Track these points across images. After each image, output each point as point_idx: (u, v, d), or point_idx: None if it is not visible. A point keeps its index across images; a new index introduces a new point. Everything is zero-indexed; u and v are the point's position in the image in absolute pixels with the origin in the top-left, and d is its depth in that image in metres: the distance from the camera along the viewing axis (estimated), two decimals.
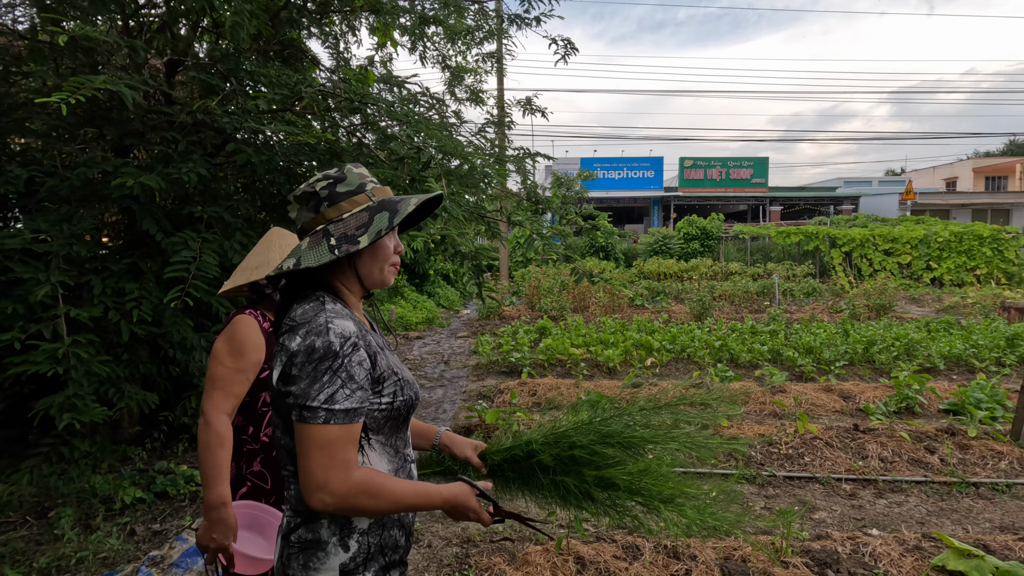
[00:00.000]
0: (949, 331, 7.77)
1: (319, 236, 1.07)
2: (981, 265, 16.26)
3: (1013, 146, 52.02)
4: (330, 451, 0.96)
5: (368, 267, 1.13)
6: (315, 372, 0.96)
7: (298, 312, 1.03)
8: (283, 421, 1.05)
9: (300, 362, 0.97)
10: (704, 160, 30.83)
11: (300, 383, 0.97)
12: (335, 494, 0.96)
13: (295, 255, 1.06)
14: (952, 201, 33.28)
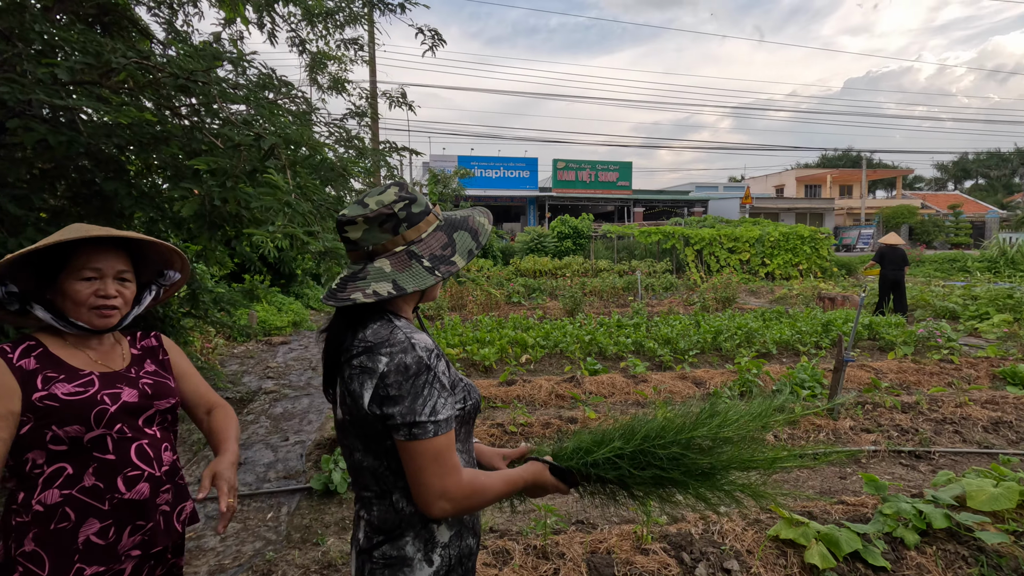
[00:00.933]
0: (779, 320, 8.86)
1: (404, 257, 1.07)
2: (803, 261, 18.87)
3: (824, 159, 61.37)
4: (442, 460, 0.99)
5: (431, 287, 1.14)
6: (414, 388, 0.98)
7: (368, 333, 1.03)
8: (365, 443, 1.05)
9: (396, 381, 0.98)
10: (576, 162, 32.38)
11: (403, 402, 0.97)
12: (454, 499, 0.99)
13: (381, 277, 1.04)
14: (780, 205, 38.37)
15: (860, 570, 2.49)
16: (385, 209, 1.07)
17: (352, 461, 1.10)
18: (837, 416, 4.51)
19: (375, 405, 1.00)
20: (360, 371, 1.01)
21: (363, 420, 1.02)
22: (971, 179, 56.38)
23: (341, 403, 1.07)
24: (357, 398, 1.01)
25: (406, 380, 0.98)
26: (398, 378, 0.98)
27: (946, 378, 5.89)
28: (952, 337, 7.36)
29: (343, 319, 1.09)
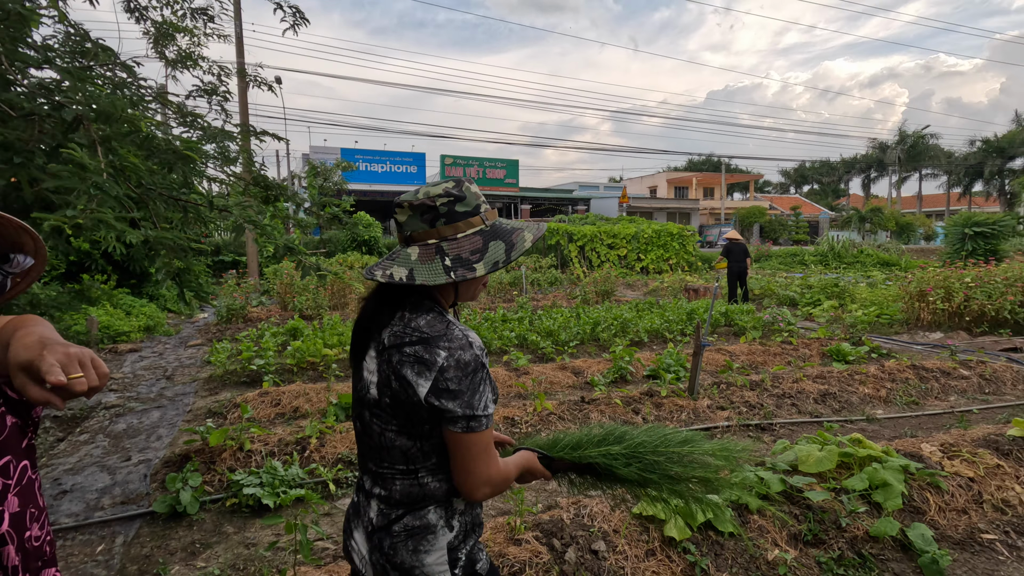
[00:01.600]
0: (651, 310, 9.49)
1: (431, 251, 1.10)
2: (672, 256, 20.46)
3: (691, 163, 67.16)
4: (489, 450, 1.08)
5: (469, 287, 1.19)
6: (473, 384, 1.04)
7: (422, 323, 1.07)
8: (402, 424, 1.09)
9: (456, 376, 1.03)
10: (464, 159, 32.37)
11: (463, 397, 1.03)
12: (495, 484, 1.09)
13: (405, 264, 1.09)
14: (654, 205, 41.34)
15: (712, 537, 2.69)
16: (428, 201, 1.11)
17: (382, 440, 1.13)
18: (697, 396, 4.90)
19: (432, 396, 1.04)
20: (415, 360, 1.05)
21: (411, 406, 1.06)
22: (808, 184, 64.79)
23: (382, 384, 1.10)
24: (409, 386, 1.05)
25: (465, 376, 1.04)
26: (458, 373, 1.03)
27: (786, 358, 6.65)
28: (792, 321, 8.34)
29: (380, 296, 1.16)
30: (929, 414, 4.86)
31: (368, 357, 1.16)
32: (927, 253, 23.15)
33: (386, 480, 1.15)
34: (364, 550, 1.19)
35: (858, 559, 2.66)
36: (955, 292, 8.43)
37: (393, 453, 1.12)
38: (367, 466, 1.20)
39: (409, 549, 1.12)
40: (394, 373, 1.07)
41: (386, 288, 1.15)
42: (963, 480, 3.20)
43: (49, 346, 0.78)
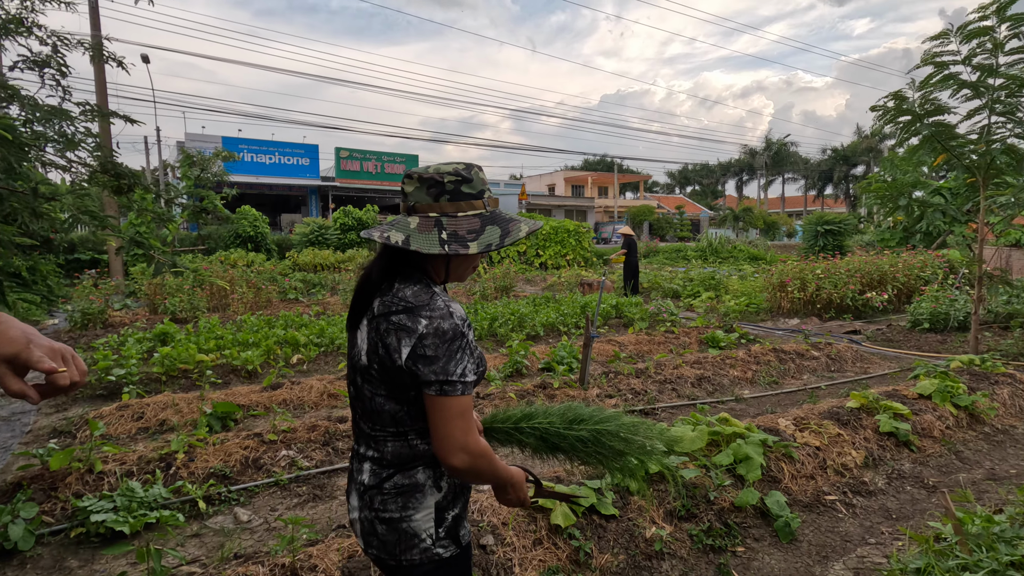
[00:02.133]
0: (547, 304, 9.74)
1: (431, 223, 1.16)
2: (570, 252, 21.17)
3: (587, 163, 69.99)
4: (466, 417, 1.12)
5: (459, 266, 1.25)
6: (449, 351, 1.10)
7: (408, 293, 1.15)
8: (390, 389, 1.16)
9: (433, 343, 1.09)
10: (360, 152, 31.23)
11: (438, 362, 1.09)
12: (472, 453, 1.12)
13: (403, 230, 1.15)
14: (552, 202, 42.52)
15: (596, 521, 2.79)
16: (437, 176, 1.17)
17: (372, 404, 1.20)
18: (588, 386, 5.09)
19: (411, 361, 1.10)
20: (398, 328, 1.11)
21: (395, 371, 1.13)
22: (691, 185, 70.04)
23: (371, 351, 1.17)
24: (393, 351, 1.12)
25: (442, 343, 1.09)
26: (435, 340, 1.09)
27: (669, 346, 7.11)
28: (675, 312, 8.94)
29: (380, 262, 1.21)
30: (787, 392, 5.43)
31: (362, 325, 1.22)
32: (789, 249, 25.91)
33: (378, 442, 1.22)
34: (355, 510, 1.25)
35: (724, 528, 2.89)
36: (809, 283, 9.50)
37: (383, 416, 1.20)
38: (361, 429, 1.27)
39: (398, 505, 1.19)
40: (380, 340, 1.14)
41: (385, 259, 1.21)
42: (811, 449, 3.59)
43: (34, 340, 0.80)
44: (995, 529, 2.24)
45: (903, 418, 4.02)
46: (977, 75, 6.48)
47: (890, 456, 3.78)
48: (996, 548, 2.11)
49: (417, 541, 1.20)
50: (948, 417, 4.28)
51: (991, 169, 6.66)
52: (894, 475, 3.60)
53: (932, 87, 6.55)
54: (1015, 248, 13.11)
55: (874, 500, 3.32)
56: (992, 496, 3.28)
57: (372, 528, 1.22)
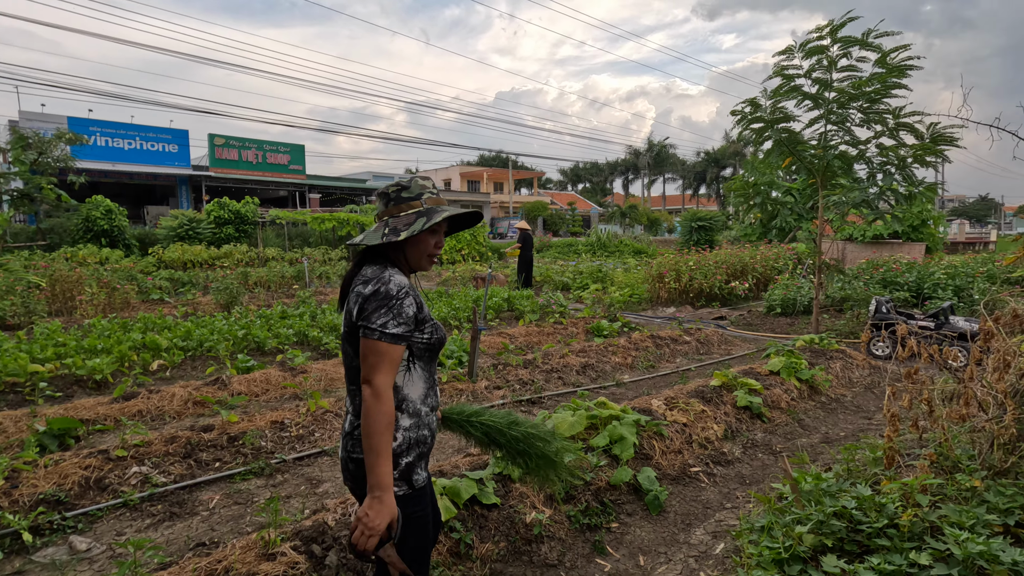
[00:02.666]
0: (440, 299, 9.65)
1: (381, 225, 1.57)
2: (465, 247, 21.15)
3: (482, 159, 70.40)
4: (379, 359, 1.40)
5: (412, 254, 1.60)
6: (378, 306, 1.43)
7: (368, 271, 1.51)
8: (355, 348, 1.48)
9: (371, 300, 1.43)
10: (238, 140, 28.88)
11: (367, 312, 1.43)
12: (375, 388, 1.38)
13: (363, 235, 1.58)
14: (448, 197, 42.25)
15: (478, 511, 2.79)
16: (384, 190, 1.60)
17: (350, 363, 1.52)
18: (476, 378, 5.10)
19: (357, 315, 1.44)
20: (356, 295, 1.46)
21: (354, 329, 1.46)
22: (582, 182, 73.04)
23: (345, 319, 1.51)
24: (350, 313, 1.47)
25: (376, 300, 1.42)
26: (372, 298, 1.42)
27: (558, 336, 7.35)
28: (564, 304, 9.25)
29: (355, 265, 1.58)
30: (662, 374, 5.83)
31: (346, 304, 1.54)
32: (669, 243, 27.90)
33: (353, 396, 1.54)
34: (340, 450, 1.57)
35: (600, 507, 3.02)
36: (683, 274, 10.28)
37: (354, 373, 1.52)
38: (348, 388, 1.59)
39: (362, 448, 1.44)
40: (349, 308, 1.50)
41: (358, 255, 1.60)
42: (679, 426, 3.87)
43: None
44: (823, 485, 2.55)
45: (756, 393, 4.46)
46: (816, 88, 7.36)
47: (745, 428, 4.18)
48: (823, 502, 2.40)
49: None
50: (793, 390, 4.82)
51: (828, 172, 7.60)
52: (749, 444, 3.99)
53: (780, 96, 7.34)
54: (849, 241, 15.12)
55: (732, 468, 3.65)
56: (826, 456, 3.75)
57: (346, 466, 1.54)
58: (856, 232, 16.08)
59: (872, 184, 7.52)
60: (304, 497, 3.24)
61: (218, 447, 3.72)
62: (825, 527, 2.27)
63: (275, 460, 3.66)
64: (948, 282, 8.63)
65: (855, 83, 6.91)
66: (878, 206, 7.59)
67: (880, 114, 7.10)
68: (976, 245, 27.11)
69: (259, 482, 3.43)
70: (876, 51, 6.82)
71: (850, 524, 2.28)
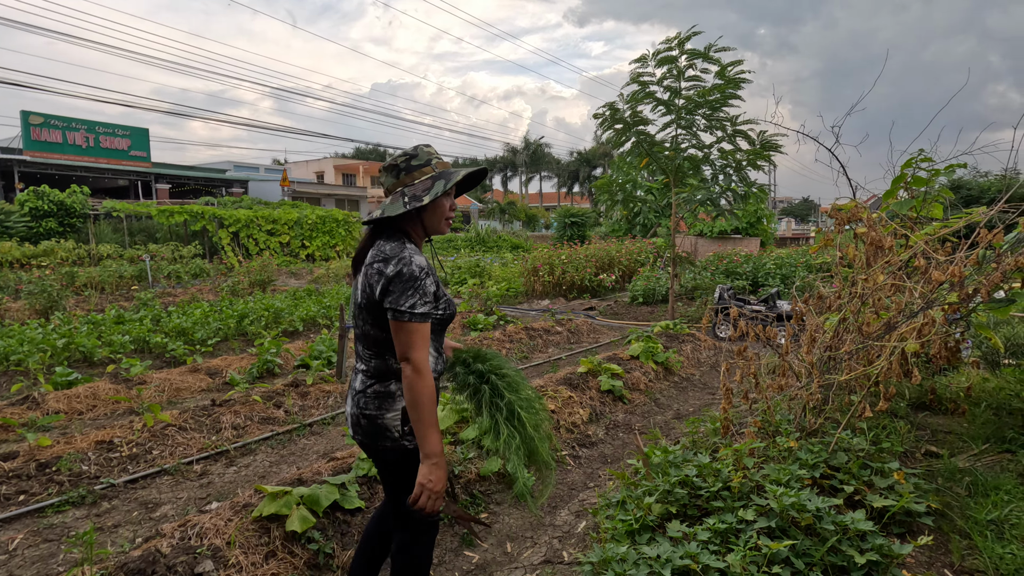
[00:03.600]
0: (310, 298, 9.10)
1: (398, 195, 1.63)
2: (339, 243, 20.20)
3: (359, 152, 67.66)
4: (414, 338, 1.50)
5: (431, 219, 1.68)
6: (403, 288, 1.51)
7: (387, 248, 1.58)
8: (374, 320, 1.59)
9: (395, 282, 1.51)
10: (63, 120, 24.88)
11: (394, 295, 1.51)
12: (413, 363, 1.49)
13: (381, 208, 1.64)
14: (321, 191, 40.03)
15: (340, 518, 2.65)
16: (393, 162, 1.69)
17: (363, 331, 1.65)
18: (344, 379, 4.86)
19: (382, 296, 1.54)
20: (377, 273, 1.56)
21: (374, 305, 1.57)
22: None
23: (362, 291, 1.61)
24: (373, 289, 1.56)
25: (400, 282, 1.52)
26: (397, 280, 1.52)
27: None
28: None
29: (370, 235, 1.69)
30: (535, 364, 6.00)
31: (359, 275, 1.63)
32: (545, 238, 28.94)
33: (367, 359, 1.65)
34: (348, 409, 1.69)
35: (470, 499, 3.02)
36: (556, 268, 10.69)
37: (370, 340, 1.62)
38: (358, 350, 1.69)
39: (375, 406, 1.60)
40: (367, 281, 1.56)
41: (371, 230, 1.68)
42: (545, 414, 4.00)
43: None
44: (670, 458, 2.76)
45: (618, 377, 4.75)
46: (668, 95, 8.02)
47: (608, 410, 4.43)
48: (669, 473, 2.60)
49: (388, 433, 1.61)
50: (650, 372, 5.21)
51: (679, 172, 8.33)
52: (611, 425, 4.23)
53: (636, 101, 7.89)
54: (700, 237, 16.76)
55: (595, 449, 3.85)
56: (676, 431, 4.09)
57: (358, 421, 1.64)
58: (705, 228, 17.88)
59: (715, 184, 8.37)
60: (136, 524, 2.86)
61: (23, 477, 3.15)
62: (671, 496, 2.46)
63: (101, 486, 3.18)
64: (776, 271, 9.91)
65: (699, 92, 7.62)
66: (719, 204, 8.47)
67: (720, 121, 7.92)
68: (800, 240, 31.51)
69: (79, 513, 2.96)
70: (716, 64, 7.58)
71: (692, 491, 2.49)
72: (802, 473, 2.52)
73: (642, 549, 2.11)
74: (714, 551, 2.11)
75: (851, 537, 2.12)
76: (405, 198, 1.59)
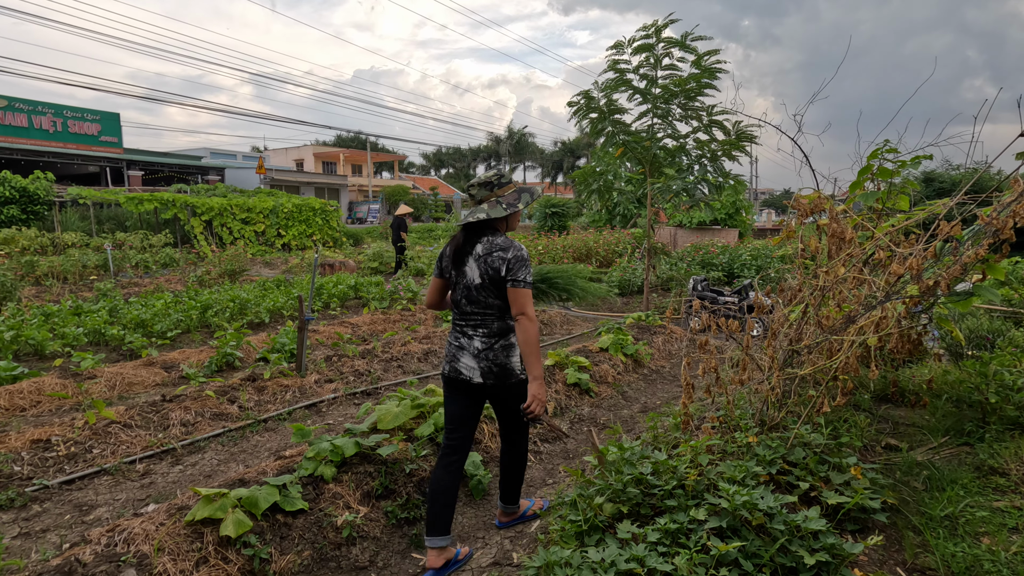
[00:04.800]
0: (278, 288, 8.88)
1: (495, 202, 2.34)
2: (316, 232, 19.85)
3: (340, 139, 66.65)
4: (529, 299, 2.22)
5: (514, 220, 2.43)
6: (520, 266, 2.22)
7: (498, 240, 2.28)
8: (497, 292, 2.27)
9: (515, 263, 2.22)
10: (29, 103, 24.04)
11: (516, 271, 2.22)
12: (528, 316, 2.19)
13: (482, 212, 2.31)
14: (301, 179, 39.33)
15: (280, 520, 2.53)
16: (488, 179, 2.39)
17: (486, 301, 2.29)
18: (305, 372, 4.71)
19: (507, 273, 2.23)
20: (499, 259, 2.24)
21: (500, 280, 2.24)
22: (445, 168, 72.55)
23: (482, 274, 2.27)
24: (499, 270, 2.23)
25: (519, 262, 2.23)
26: (516, 262, 2.23)
27: (405, 323, 7.12)
28: (415, 290, 9.02)
29: (469, 232, 2.36)
30: None
31: (468, 263, 2.31)
32: (527, 229, 28.80)
33: (488, 323, 2.31)
34: (472, 363, 2.32)
35: (421, 499, 2.91)
36: (532, 258, 10.58)
37: (492, 308, 2.30)
38: (471, 319, 2.33)
39: (504, 356, 2.31)
40: (490, 267, 2.25)
41: (470, 229, 2.36)
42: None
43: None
44: (626, 455, 2.68)
45: (585, 370, 4.68)
46: (644, 83, 7.91)
47: (574, 403, 4.36)
48: (623, 471, 2.52)
49: (514, 373, 2.33)
50: (619, 364, 5.15)
51: (655, 162, 8.25)
52: (576, 419, 4.16)
53: (612, 89, 7.77)
54: (679, 228, 16.78)
55: (558, 445, 3.77)
56: (640, 426, 4.03)
57: (490, 369, 2.29)
58: (685, 219, 17.92)
59: (690, 174, 8.31)
60: (67, 528, 2.71)
61: None
62: (623, 495, 2.38)
63: (33, 488, 3.01)
64: (752, 262, 9.92)
65: (675, 80, 7.53)
66: (695, 194, 8.42)
67: (696, 111, 7.84)
68: (779, 231, 31.80)
69: (6, 517, 2.79)
70: (693, 53, 7.49)
71: (646, 489, 2.41)
72: (758, 470, 2.46)
73: (588, 552, 2.03)
74: (663, 552, 2.04)
75: (803, 536, 2.06)
76: (502, 204, 2.31)
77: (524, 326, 2.18)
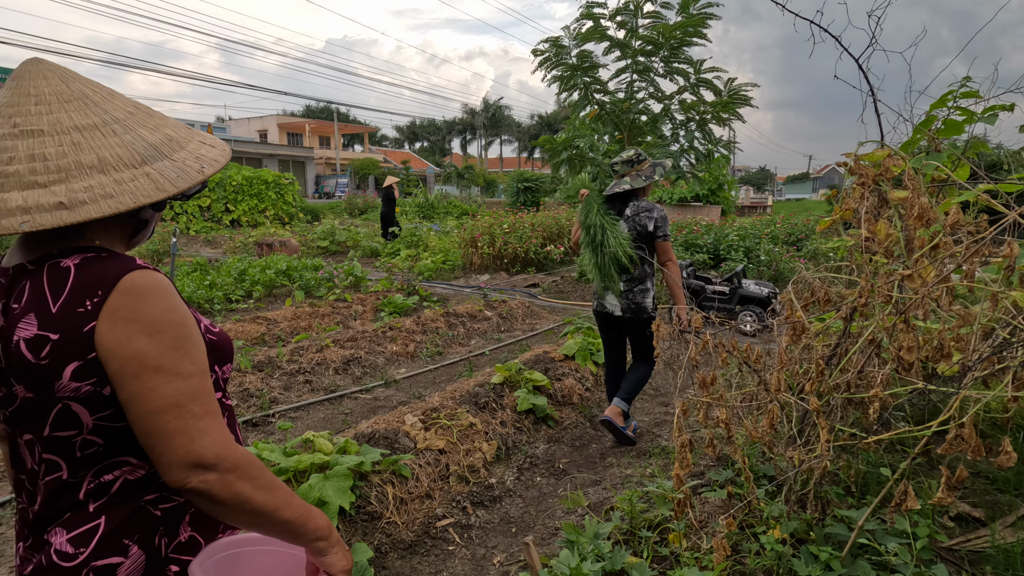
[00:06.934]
0: (195, 272, 7.58)
1: (635, 174, 3.08)
2: (269, 207, 18.31)
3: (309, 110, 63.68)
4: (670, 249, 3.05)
5: (650, 188, 3.14)
6: (664, 223, 3.01)
7: (643, 204, 3.05)
8: (646, 245, 3.03)
9: (660, 220, 2.99)
10: None
11: (662, 228, 3.00)
12: (674, 261, 3.06)
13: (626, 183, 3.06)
14: (264, 151, 37.13)
15: None
16: (630, 157, 3.10)
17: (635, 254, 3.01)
18: None
19: (654, 229, 2.98)
20: (647, 217, 2.99)
21: (647, 236, 3.00)
22: (419, 141, 70.12)
23: (632, 229, 3.02)
24: (647, 227, 2.99)
25: (663, 220, 3.00)
26: (661, 220, 2.99)
27: (336, 317, 5.95)
28: (359, 275, 7.80)
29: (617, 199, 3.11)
30: (448, 363, 4.79)
31: (618, 223, 3.06)
32: (501, 205, 27.51)
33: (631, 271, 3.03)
34: (616, 301, 3.08)
35: None
36: (496, 238, 9.42)
37: (638, 259, 3.01)
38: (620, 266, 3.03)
39: (642, 297, 3.05)
40: (639, 224, 3.01)
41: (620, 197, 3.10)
42: (434, 455, 2.81)
43: None
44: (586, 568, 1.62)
45: (542, 391, 3.59)
46: (624, 34, 6.71)
47: (526, 439, 3.28)
48: None
49: (647, 309, 3.07)
50: (588, 377, 4.08)
51: (634, 128, 7.11)
52: (526, 464, 3.09)
53: (585, 39, 6.56)
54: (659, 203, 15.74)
55: (497, 509, 2.70)
56: (615, 472, 2.97)
57: (630, 306, 3.06)
58: (664, 195, 16.86)
59: (675, 141, 7.19)
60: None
61: None
62: None
63: None
64: (740, 244, 8.93)
65: (659, 27, 6.35)
66: (680, 166, 7.33)
67: (682, 67, 6.70)
68: (758, 208, 31.02)
69: None
70: None
71: None
72: None
73: None
74: None
75: None
76: (642, 176, 3.07)
77: (671, 268, 2.94)
